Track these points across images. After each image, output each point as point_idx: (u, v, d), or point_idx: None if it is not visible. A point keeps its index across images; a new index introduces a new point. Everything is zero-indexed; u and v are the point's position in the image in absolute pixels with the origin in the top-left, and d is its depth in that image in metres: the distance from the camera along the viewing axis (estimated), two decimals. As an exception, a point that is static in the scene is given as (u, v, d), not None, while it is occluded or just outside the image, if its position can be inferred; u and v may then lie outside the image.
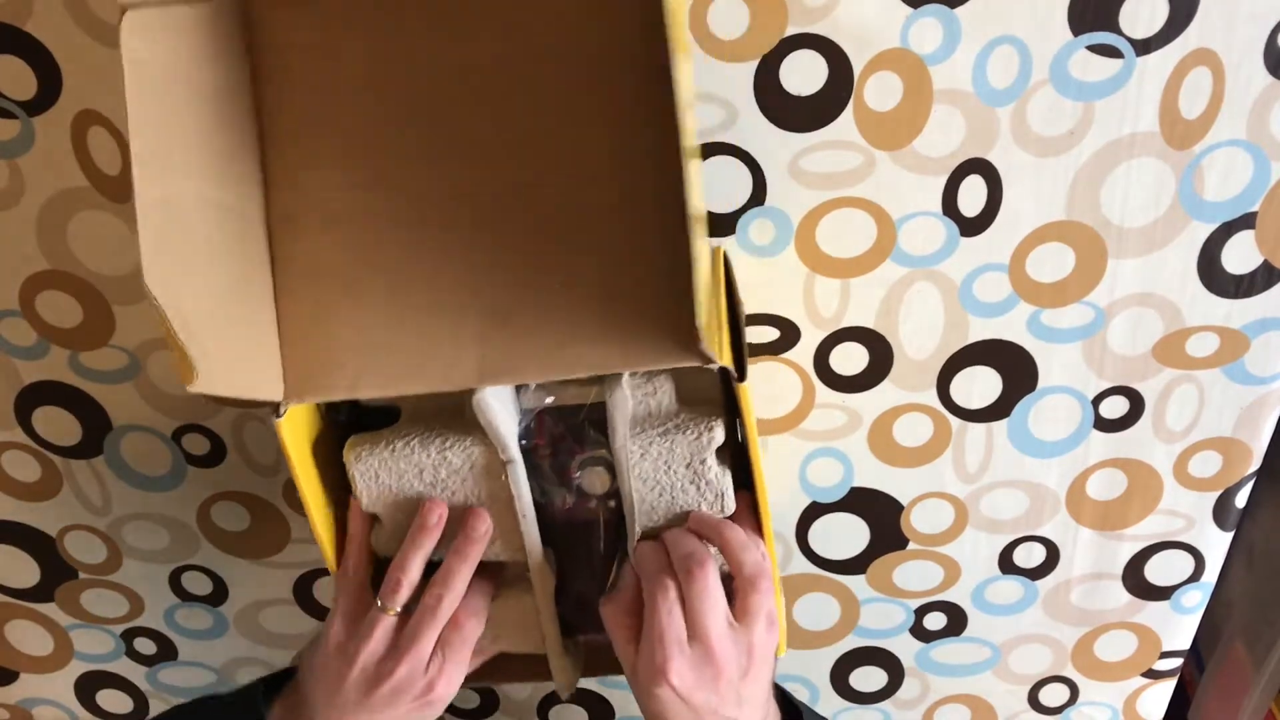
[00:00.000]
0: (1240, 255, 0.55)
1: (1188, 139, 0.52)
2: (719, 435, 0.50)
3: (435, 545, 0.51)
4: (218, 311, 0.43)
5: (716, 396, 0.52)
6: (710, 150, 0.53)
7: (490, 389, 0.47)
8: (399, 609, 0.50)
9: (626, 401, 0.49)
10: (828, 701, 0.75)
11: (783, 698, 0.57)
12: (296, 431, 0.48)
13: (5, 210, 0.56)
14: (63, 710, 0.79)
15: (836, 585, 0.69)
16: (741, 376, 0.46)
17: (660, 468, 0.50)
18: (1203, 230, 0.55)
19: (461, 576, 0.50)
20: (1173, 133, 0.52)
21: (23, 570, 0.70)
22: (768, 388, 0.60)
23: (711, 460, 0.50)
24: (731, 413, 0.52)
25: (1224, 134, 0.52)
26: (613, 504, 0.52)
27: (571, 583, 0.54)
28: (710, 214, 0.55)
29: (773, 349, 0.59)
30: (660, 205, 0.44)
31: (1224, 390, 0.60)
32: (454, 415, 0.48)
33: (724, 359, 0.45)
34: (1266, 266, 0.56)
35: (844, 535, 0.66)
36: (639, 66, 0.43)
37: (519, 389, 0.50)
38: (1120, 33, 0.50)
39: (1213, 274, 0.56)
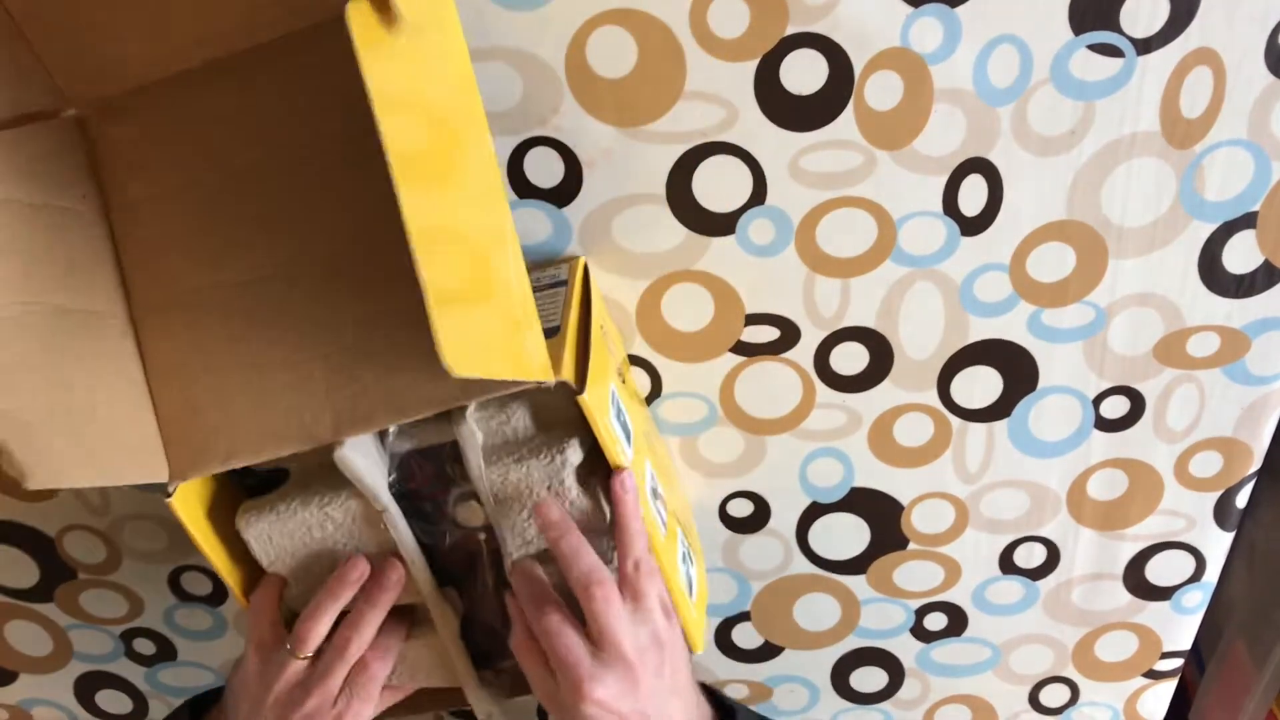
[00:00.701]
0: (1241, 255, 0.55)
1: (1188, 138, 0.52)
2: (573, 456, 0.49)
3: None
4: (75, 409, 0.46)
5: (576, 414, 0.50)
6: (710, 150, 0.53)
7: (350, 442, 0.47)
8: (308, 655, 0.51)
9: (474, 434, 0.49)
10: (828, 702, 0.75)
11: (714, 698, 0.57)
12: (192, 506, 0.50)
13: (4, 210, 0.56)
14: (62, 710, 0.78)
15: (837, 585, 0.69)
16: (581, 389, 0.46)
17: (523, 492, 0.50)
18: (1203, 230, 0.55)
19: (371, 622, 0.51)
20: (1173, 132, 0.52)
21: (22, 570, 0.70)
22: (768, 388, 0.60)
23: (570, 481, 0.49)
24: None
25: (1225, 133, 0.52)
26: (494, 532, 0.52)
27: (477, 615, 0.54)
28: (710, 214, 0.55)
29: (773, 349, 0.59)
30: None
31: (1225, 390, 0.59)
32: (336, 469, 0.49)
33: (564, 373, 0.44)
34: (1267, 266, 0.55)
35: (844, 535, 0.66)
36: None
37: (382, 437, 0.50)
38: (1121, 32, 0.50)
39: (1214, 274, 0.56)
